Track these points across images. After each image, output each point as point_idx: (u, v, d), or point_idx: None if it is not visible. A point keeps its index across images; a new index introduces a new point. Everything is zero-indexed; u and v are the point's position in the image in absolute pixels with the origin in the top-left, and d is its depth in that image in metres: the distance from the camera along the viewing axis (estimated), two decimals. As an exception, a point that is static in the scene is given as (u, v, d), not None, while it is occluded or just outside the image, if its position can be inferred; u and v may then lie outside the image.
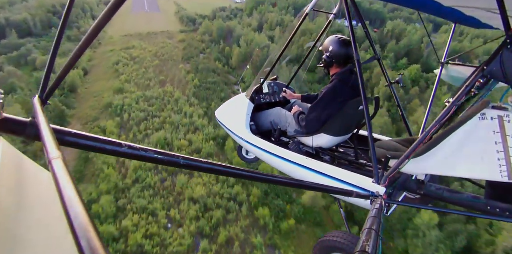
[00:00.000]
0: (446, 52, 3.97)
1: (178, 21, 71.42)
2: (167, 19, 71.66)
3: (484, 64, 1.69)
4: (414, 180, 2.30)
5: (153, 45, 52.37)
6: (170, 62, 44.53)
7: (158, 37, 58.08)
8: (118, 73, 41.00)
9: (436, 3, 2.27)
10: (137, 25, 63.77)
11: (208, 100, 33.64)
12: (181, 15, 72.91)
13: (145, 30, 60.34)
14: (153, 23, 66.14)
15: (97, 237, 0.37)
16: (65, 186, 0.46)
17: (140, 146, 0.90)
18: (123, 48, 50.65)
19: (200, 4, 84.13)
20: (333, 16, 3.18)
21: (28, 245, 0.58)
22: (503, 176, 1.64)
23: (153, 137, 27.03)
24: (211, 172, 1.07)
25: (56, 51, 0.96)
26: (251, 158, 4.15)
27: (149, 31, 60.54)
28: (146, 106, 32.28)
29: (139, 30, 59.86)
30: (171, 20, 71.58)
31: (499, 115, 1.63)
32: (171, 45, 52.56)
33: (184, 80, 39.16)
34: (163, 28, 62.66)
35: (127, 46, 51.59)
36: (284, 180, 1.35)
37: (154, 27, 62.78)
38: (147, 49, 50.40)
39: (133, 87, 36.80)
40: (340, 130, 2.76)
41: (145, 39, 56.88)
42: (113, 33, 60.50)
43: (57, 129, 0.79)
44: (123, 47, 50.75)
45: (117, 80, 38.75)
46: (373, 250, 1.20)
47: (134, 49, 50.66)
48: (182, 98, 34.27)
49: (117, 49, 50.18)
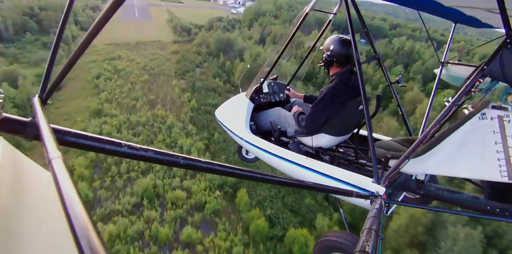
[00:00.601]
0: (446, 52, 4.06)
1: (171, 30, 65.41)
2: (159, 28, 65.59)
3: (484, 64, 1.70)
4: (414, 180, 2.31)
5: (142, 57, 45.72)
6: (162, 78, 37.88)
7: (148, 48, 51.73)
8: (98, 90, 33.80)
9: (436, 3, 2.26)
10: (126, 34, 57.19)
11: (210, 129, 26.50)
12: (175, 24, 67.17)
13: (134, 39, 53.92)
14: (144, 32, 59.89)
15: (97, 237, 0.37)
16: (65, 186, 0.46)
17: (140, 146, 0.90)
18: (107, 59, 43.57)
19: (194, 14, 79.10)
20: (333, 16, 3.19)
21: (28, 245, 0.58)
22: (503, 176, 1.65)
23: (138, 184, 18.71)
24: (211, 172, 1.07)
25: (56, 51, 0.98)
26: (251, 158, 4.14)
27: (139, 40, 54.13)
28: (130, 136, 24.83)
29: (127, 39, 53.37)
30: (163, 29, 65.56)
31: (499, 115, 1.64)
32: (163, 57, 46.14)
33: (178, 101, 32.39)
34: (154, 38, 56.47)
35: (112, 56, 44.52)
36: (284, 180, 1.35)
37: (144, 36, 56.52)
38: (135, 61, 43.58)
39: (115, 109, 29.58)
40: (340, 130, 2.77)
41: (133, 49, 50.29)
42: (98, 41, 53.63)
43: (57, 128, 0.79)
44: (107, 58, 43.71)
45: (96, 98, 31.65)
46: (373, 250, 1.19)
47: (119, 60, 43.68)
48: (177, 125, 27.09)
49: (100, 60, 43.06)
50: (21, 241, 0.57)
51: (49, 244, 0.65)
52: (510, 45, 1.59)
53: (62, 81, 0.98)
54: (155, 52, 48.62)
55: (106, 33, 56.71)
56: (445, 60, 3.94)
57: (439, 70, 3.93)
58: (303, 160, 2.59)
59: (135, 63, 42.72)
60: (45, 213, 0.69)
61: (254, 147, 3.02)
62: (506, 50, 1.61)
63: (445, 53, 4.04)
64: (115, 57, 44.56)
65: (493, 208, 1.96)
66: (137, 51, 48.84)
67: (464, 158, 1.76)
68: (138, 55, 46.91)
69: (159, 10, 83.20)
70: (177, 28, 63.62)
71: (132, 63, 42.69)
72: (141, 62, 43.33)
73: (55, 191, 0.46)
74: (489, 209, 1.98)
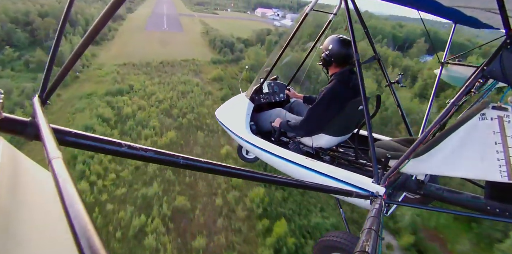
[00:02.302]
0: (446, 52, 4.03)
1: (207, 45, 49.41)
2: (192, 42, 49.74)
3: (484, 65, 1.69)
4: (414, 180, 2.31)
5: (166, 88, 28.76)
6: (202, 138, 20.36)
7: (177, 70, 35.10)
8: (74, 173, 16.98)
9: (436, 3, 2.27)
10: (149, 48, 41.39)
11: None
12: (212, 37, 51.34)
13: (158, 56, 37.72)
14: (172, 46, 44.04)
15: (97, 237, 0.37)
16: (65, 186, 0.46)
17: (140, 146, 0.89)
18: (110, 92, 26.97)
19: (232, 26, 62.85)
20: (333, 16, 3.19)
21: (28, 245, 0.58)
22: (503, 176, 1.64)
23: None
24: (211, 172, 1.05)
25: (56, 51, 0.97)
26: (251, 158, 4.15)
27: (164, 59, 37.80)
28: None
29: (148, 56, 37.15)
30: (197, 43, 49.61)
31: (499, 115, 1.64)
32: (199, 89, 28.96)
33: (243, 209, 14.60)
34: (185, 55, 40.15)
35: (119, 88, 27.78)
36: (284, 180, 1.33)
37: (172, 52, 40.39)
38: (154, 96, 26.64)
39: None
40: (340, 130, 2.76)
41: (155, 72, 33.81)
42: (107, 58, 37.67)
43: (57, 128, 0.79)
44: (111, 91, 27.10)
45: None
46: (373, 250, 1.18)
47: (130, 95, 26.93)
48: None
49: (100, 94, 26.53)
50: (21, 241, 0.57)
51: (49, 244, 0.65)
52: (510, 45, 1.60)
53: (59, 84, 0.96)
54: (186, 79, 31.47)
55: (120, 46, 40.06)
56: (445, 61, 3.93)
57: (439, 71, 3.93)
58: (303, 160, 2.59)
59: (154, 101, 25.51)
60: (45, 213, 0.69)
61: (254, 147, 3.01)
62: (506, 50, 1.61)
63: (445, 54, 4.01)
64: (124, 88, 27.69)
65: (493, 208, 1.97)
66: (160, 77, 32.02)
67: (464, 158, 1.75)
68: (161, 84, 29.89)
69: (192, 21, 68.56)
70: (216, 42, 47.59)
71: (149, 101, 25.49)
72: (164, 98, 26.08)
73: (55, 191, 0.46)
74: (489, 209, 1.98)
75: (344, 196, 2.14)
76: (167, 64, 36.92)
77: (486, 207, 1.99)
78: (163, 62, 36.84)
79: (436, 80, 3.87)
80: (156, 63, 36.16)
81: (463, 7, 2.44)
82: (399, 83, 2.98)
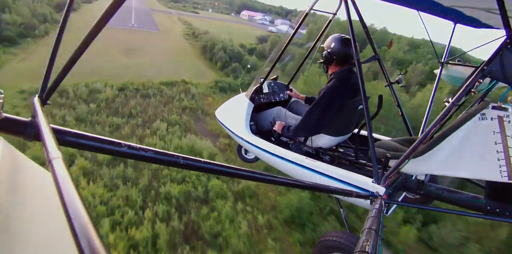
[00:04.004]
0: (446, 52, 3.99)
1: (199, 53, 32.02)
2: (174, 48, 31.84)
3: (484, 64, 1.68)
4: (414, 180, 2.32)
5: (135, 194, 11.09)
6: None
7: (155, 110, 17.25)
8: None
9: (436, 3, 2.27)
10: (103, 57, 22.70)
11: None
12: (203, 42, 34.07)
13: (117, 72, 19.50)
14: (143, 55, 25.93)
15: (97, 237, 0.37)
16: (65, 186, 0.47)
17: (140, 146, 0.89)
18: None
19: (218, 27, 45.52)
20: (333, 16, 3.20)
21: (28, 245, 0.58)
22: (503, 176, 1.63)
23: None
24: (211, 172, 1.06)
25: (56, 51, 0.97)
26: (251, 158, 4.11)
27: (128, 79, 19.80)
28: None
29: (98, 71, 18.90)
30: (181, 50, 31.76)
31: (499, 115, 1.63)
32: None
33: None
34: (166, 71, 22.87)
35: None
36: (284, 180, 1.33)
37: (143, 65, 22.49)
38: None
39: None
40: (340, 130, 2.75)
41: (101, 122, 15.45)
42: (19, 71, 18.74)
43: (57, 129, 0.79)
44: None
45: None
46: (373, 250, 1.18)
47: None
48: None
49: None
50: (21, 241, 0.57)
51: (49, 244, 0.65)
52: (510, 45, 1.58)
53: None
54: (178, 145, 13.93)
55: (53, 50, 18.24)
56: (444, 61, 3.91)
57: (439, 71, 3.90)
58: (303, 160, 2.58)
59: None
60: (45, 213, 0.68)
61: (254, 147, 3.00)
62: (506, 50, 1.60)
63: (445, 54, 4.00)
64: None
65: (493, 208, 1.97)
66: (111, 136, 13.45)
67: (464, 158, 1.74)
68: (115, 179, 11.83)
69: (169, 19, 50.46)
70: (214, 51, 30.66)
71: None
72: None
73: (55, 191, 0.46)
74: (489, 209, 1.98)
75: (344, 196, 2.14)
76: (135, 93, 19.02)
77: (486, 207, 2.00)
78: (126, 88, 18.69)
79: (436, 80, 3.87)
80: (112, 91, 17.83)
81: (463, 7, 2.45)
82: (399, 83, 2.96)
